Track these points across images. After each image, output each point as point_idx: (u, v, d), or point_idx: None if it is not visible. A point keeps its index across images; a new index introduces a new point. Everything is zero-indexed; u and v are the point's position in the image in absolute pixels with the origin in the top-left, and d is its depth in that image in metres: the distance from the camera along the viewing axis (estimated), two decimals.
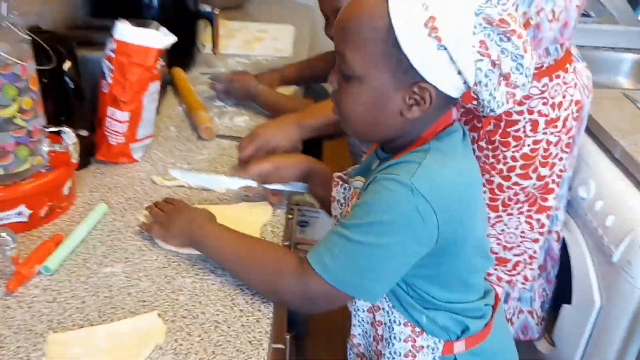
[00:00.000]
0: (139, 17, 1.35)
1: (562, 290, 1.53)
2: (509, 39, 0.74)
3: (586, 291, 1.39)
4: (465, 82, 0.77)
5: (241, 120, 1.44)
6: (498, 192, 1.35)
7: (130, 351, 0.77)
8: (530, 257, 1.43)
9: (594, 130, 1.53)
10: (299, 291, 0.82)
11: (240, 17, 2.30)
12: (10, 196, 0.96)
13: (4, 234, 0.85)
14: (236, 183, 1.06)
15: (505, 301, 1.52)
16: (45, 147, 1.00)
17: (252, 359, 0.78)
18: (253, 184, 1.06)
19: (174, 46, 1.51)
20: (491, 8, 0.73)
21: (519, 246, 1.42)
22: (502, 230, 1.40)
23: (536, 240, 1.41)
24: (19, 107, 0.93)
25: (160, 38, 1.16)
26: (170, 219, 0.96)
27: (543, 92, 1.27)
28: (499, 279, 1.45)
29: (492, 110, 0.79)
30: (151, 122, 1.24)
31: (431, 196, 0.75)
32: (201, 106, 1.43)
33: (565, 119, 1.30)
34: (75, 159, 1.04)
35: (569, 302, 1.47)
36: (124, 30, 1.13)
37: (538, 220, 1.39)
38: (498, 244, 1.42)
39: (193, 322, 0.82)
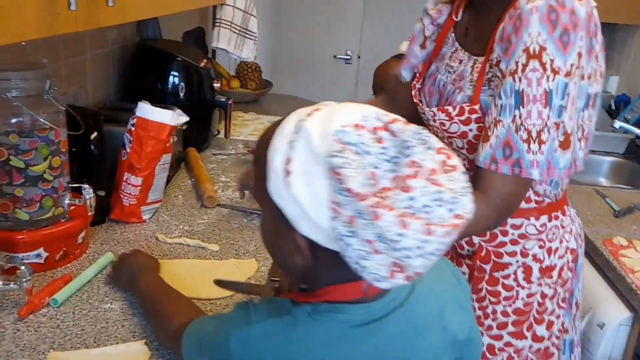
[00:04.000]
0: (163, 103, 1.57)
1: None
2: (354, 199, 0.56)
3: None
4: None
5: None
6: (490, 356, 1.12)
7: None
8: None
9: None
10: (176, 347, 0.82)
11: (256, 110, 2.54)
12: (32, 239, 1.12)
13: (22, 267, 1.00)
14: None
15: None
16: (67, 200, 1.17)
17: None
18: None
19: (190, 129, 1.74)
20: (336, 158, 0.57)
21: None
22: None
23: None
24: (49, 164, 1.12)
25: (174, 117, 1.36)
26: (123, 265, 1.11)
27: (540, 232, 1.08)
28: None
29: (374, 281, 0.59)
30: (161, 189, 1.42)
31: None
32: (208, 179, 1.61)
33: (561, 269, 1.11)
34: (91, 212, 1.20)
35: None
36: (144, 109, 1.33)
37: None
38: None
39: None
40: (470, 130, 1.00)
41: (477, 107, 0.99)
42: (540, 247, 1.09)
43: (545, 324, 1.12)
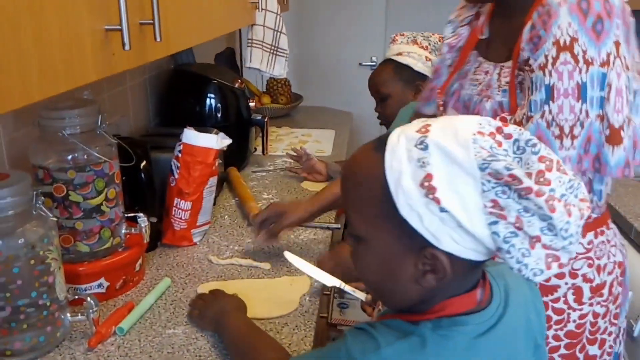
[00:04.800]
0: (201, 125, 1.61)
1: None
2: (527, 198, 0.58)
3: None
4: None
5: None
6: None
7: None
8: None
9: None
10: None
11: (288, 124, 2.57)
12: (93, 270, 1.15)
13: (89, 299, 1.04)
14: (331, 281, 1.19)
15: None
16: (123, 230, 1.21)
17: None
18: (345, 286, 1.17)
19: (230, 149, 1.76)
20: (498, 161, 0.59)
21: None
22: None
23: None
24: (105, 197, 1.15)
25: (219, 141, 1.39)
26: (207, 306, 1.09)
27: (588, 251, 1.04)
28: None
29: (528, 279, 0.62)
30: (209, 211, 1.45)
31: None
32: (252, 198, 1.64)
33: (611, 285, 1.08)
34: (146, 240, 1.23)
35: None
36: (190, 135, 1.37)
37: None
38: None
39: None
40: None
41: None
42: (589, 265, 1.04)
43: (597, 343, 1.09)
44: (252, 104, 1.95)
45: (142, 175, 1.33)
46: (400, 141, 0.64)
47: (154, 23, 0.95)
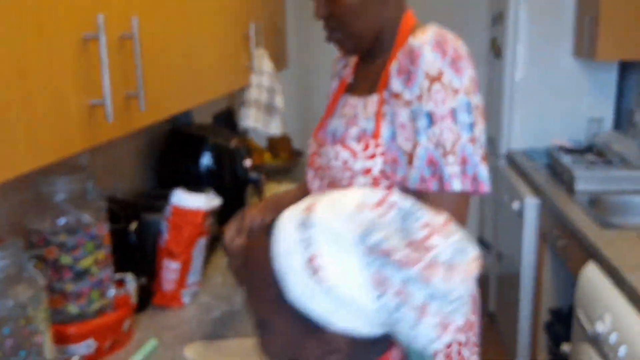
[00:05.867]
0: (197, 186, 1.65)
1: None
2: (403, 269, 0.60)
3: None
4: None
5: None
6: None
7: None
8: None
9: (606, 268, 1.64)
10: None
11: (288, 181, 2.62)
12: (82, 331, 1.18)
13: (76, 357, 1.06)
14: None
15: None
16: (112, 291, 1.24)
17: None
18: None
19: (225, 207, 1.80)
20: (375, 234, 0.61)
21: None
22: None
23: None
24: (95, 259, 1.19)
25: (207, 201, 1.43)
26: None
27: None
28: None
29: (427, 344, 0.63)
30: (199, 271, 1.48)
31: None
32: None
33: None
34: (134, 301, 1.26)
35: None
36: (178, 196, 1.41)
37: None
38: None
39: None
40: (375, 165, 1.06)
41: (381, 140, 1.05)
42: None
43: None
44: (248, 163, 2.00)
45: (132, 237, 1.36)
46: (287, 224, 0.65)
47: (138, 94, 1.00)
